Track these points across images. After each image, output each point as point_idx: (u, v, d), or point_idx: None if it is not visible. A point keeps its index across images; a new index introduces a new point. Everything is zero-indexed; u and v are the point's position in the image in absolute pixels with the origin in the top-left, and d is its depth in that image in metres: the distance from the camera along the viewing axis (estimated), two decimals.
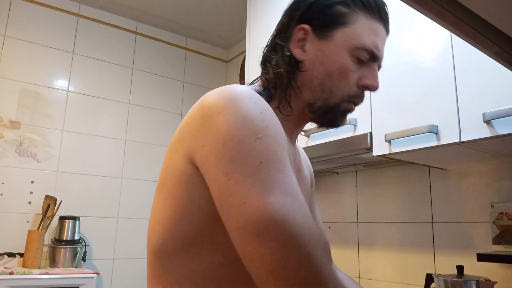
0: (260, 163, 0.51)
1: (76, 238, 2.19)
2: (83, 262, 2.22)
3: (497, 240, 1.26)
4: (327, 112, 0.68)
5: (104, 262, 2.38)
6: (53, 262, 2.10)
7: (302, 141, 1.58)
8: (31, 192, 2.21)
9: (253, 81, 0.73)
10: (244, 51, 2.36)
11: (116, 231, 2.44)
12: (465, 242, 1.36)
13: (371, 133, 1.30)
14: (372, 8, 0.67)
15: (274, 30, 0.72)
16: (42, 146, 2.28)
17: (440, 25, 0.46)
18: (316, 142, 1.51)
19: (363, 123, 1.34)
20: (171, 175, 0.59)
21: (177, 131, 0.61)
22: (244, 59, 2.63)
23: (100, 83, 2.53)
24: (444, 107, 1.10)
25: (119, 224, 2.46)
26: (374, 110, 1.31)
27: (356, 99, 0.69)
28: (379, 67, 0.72)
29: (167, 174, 0.60)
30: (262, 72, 0.71)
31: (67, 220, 2.19)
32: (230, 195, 0.50)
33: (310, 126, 0.78)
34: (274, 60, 0.69)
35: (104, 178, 2.45)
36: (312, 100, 0.68)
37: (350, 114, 0.72)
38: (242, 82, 2.50)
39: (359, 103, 0.70)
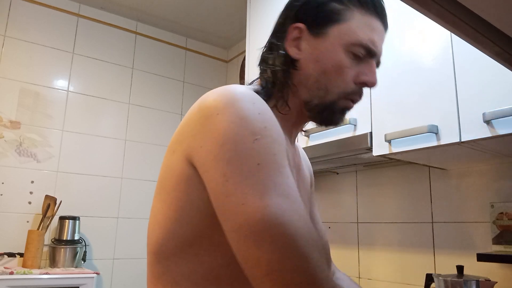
0: (258, 164, 0.50)
1: (76, 238, 2.19)
2: (83, 262, 2.22)
3: (497, 240, 1.26)
4: (324, 110, 0.68)
5: (104, 262, 2.38)
6: (53, 262, 2.10)
7: (302, 141, 1.58)
8: (31, 192, 2.21)
9: (252, 81, 0.73)
10: (244, 51, 2.36)
11: (116, 231, 2.44)
12: (465, 242, 1.36)
13: (371, 133, 1.30)
14: (367, 3, 0.67)
15: (271, 31, 0.73)
16: (42, 146, 2.28)
17: (440, 25, 0.46)
18: (316, 142, 1.51)
19: (363, 123, 1.34)
20: (170, 176, 0.59)
21: (176, 131, 0.61)
22: (244, 59, 2.63)
23: (100, 83, 2.53)
24: (444, 107, 1.10)
25: (119, 224, 2.46)
26: (374, 110, 1.31)
27: (354, 96, 0.68)
28: (378, 64, 0.71)
29: (166, 174, 0.60)
30: (260, 72, 0.71)
31: (67, 220, 2.19)
32: (227, 196, 0.50)
33: (312, 126, 0.77)
34: (271, 59, 0.69)
35: (104, 178, 2.45)
36: (309, 98, 0.68)
37: (349, 113, 0.71)
38: (242, 82, 2.51)
39: (358, 100, 0.69)
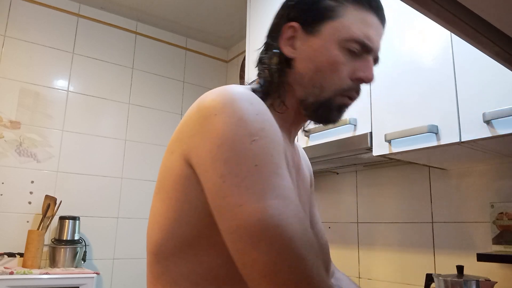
0: (256, 166, 0.50)
1: (76, 238, 2.19)
2: (83, 262, 2.22)
3: (497, 240, 1.26)
4: (319, 108, 0.67)
5: (104, 262, 2.38)
6: (53, 262, 2.10)
7: (302, 141, 1.58)
8: (31, 192, 2.21)
9: (252, 82, 0.74)
10: (244, 51, 2.36)
11: (116, 231, 2.44)
12: (465, 242, 1.36)
13: (371, 133, 1.30)
14: None
15: (266, 31, 0.73)
16: (42, 146, 2.28)
17: (440, 25, 0.46)
18: (316, 142, 1.51)
19: (363, 123, 1.34)
20: (169, 176, 0.59)
21: (175, 131, 0.62)
22: (244, 59, 2.63)
23: (100, 83, 2.53)
24: (444, 107, 1.10)
25: (119, 224, 2.46)
26: (374, 110, 1.31)
27: (350, 92, 0.67)
28: (376, 59, 0.70)
29: (165, 174, 0.61)
30: (257, 72, 0.72)
31: (67, 220, 2.19)
32: (224, 198, 0.50)
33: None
34: (266, 59, 0.70)
35: (104, 178, 2.45)
36: (304, 96, 0.67)
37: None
38: (242, 82, 2.51)
39: (355, 97, 0.68)
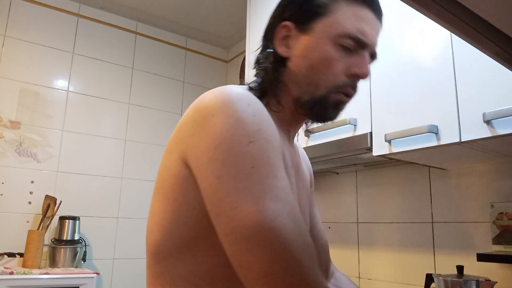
0: (252, 167, 0.50)
1: (76, 238, 2.19)
2: (83, 262, 2.22)
3: (497, 240, 1.26)
4: (315, 105, 0.67)
5: (104, 262, 2.38)
6: (53, 262, 2.10)
7: (302, 141, 1.58)
8: (31, 192, 2.21)
9: (251, 82, 0.74)
10: (244, 51, 2.36)
11: (116, 231, 2.44)
12: (465, 242, 1.36)
13: (371, 133, 1.30)
14: None
15: (262, 32, 0.73)
16: (42, 146, 2.28)
17: (440, 25, 0.46)
18: (316, 142, 1.51)
19: (363, 123, 1.34)
20: (167, 176, 0.60)
21: (174, 132, 0.62)
22: (244, 59, 2.63)
23: (100, 83, 2.53)
24: (444, 107, 1.10)
25: (119, 224, 2.46)
26: (374, 110, 1.31)
27: (346, 89, 0.66)
28: (373, 55, 0.69)
29: (163, 175, 0.61)
30: (255, 73, 0.72)
31: (67, 220, 2.19)
32: (221, 199, 0.50)
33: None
34: (262, 60, 0.70)
35: (104, 178, 2.45)
36: (299, 95, 0.67)
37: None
38: (242, 82, 2.50)
39: (351, 93, 0.67)
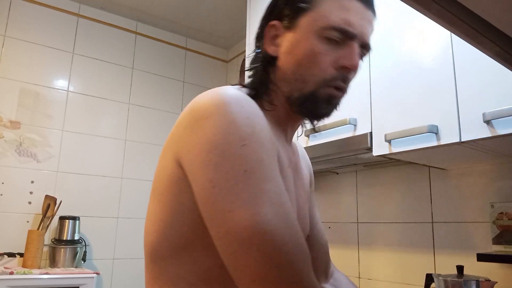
0: (245, 171, 0.50)
1: (76, 238, 2.19)
2: (83, 262, 2.22)
3: (497, 240, 1.26)
4: (305, 102, 0.65)
5: (104, 262, 2.38)
6: (53, 262, 2.10)
7: (302, 141, 1.58)
8: (31, 192, 2.21)
9: (246, 83, 0.74)
10: (244, 51, 2.36)
11: (116, 231, 2.44)
12: (465, 242, 1.36)
13: (371, 133, 1.30)
14: None
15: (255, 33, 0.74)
16: (42, 146, 2.28)
17: (440, 25, 0.46)
18: (316, 142, 1.51)
19: (363, 123, 1.34)
20: (162, 178, 0.60)
21: (169, 134, 0.62)
22: (244, 59, 2.63)
23: (100, 83, 2.53)
24: (444, 107, 1.10)
25: (119, 224, 2.46)
26: (374, 110, 1.31)
27: (335, 82, 0.64)
28: (366, 46, 0.67)
29: (159, 176, 0.61)
30: (248, 74, 0.72)
31: (67, 220, 2.19)
32: (214, 203, 0.50)
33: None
34: (254, 60, 0.71)
35: (104, 178, 2.45)
36: (289, 92, 0.67)
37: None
38: (242, 82, 2.50)
39: (342, 86, 0.65)
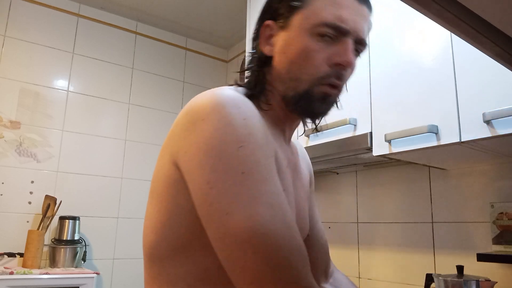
0: (243, 173, 0.50)
1: (76, 238, 2.19)
2: (83, 262, 2.22)
3: (497, 240, 1.26)
4: (300, 101, 0.65)
5: (104, 262, 2.38)
6: (53, 262, 2.10)
7: (302, 141, 1.58)
8: (31, 192, 2.21)
9: (243, 83, 0.74)
10: (244, 51, 2.36)
11: (116, 231, 2.44)
12: (465, 242, 1.36)
13: (371, 133, 1.30)
14: None
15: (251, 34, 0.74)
16: (42, 146, 2.28)
17: (440, 25, 0.46)
18: (316, 142, 1.51)
19: (363, 123, 1.34)
20: (159, 179, 0.60)
21: (167, 134, 0.62)
22: (244, 59, 2.63)
23: (100, 83, 2.53)
24: (444, 107, 1.10)
25: (119, 224, 2.46)
26: (374, 110, 1.31)
27: (329, 79, 0.64)
28: (361, 42, 0.65)
29: (157, 178, 0.61)
30: (245, 75, 0.73)
31: (67, 220, 2.19)
32: (211, 205, 0.50)
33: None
34: (250, 61, 0.71)
35: (104, 178, 2.45)
36: (284, 92, 0.67)
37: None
38: (241, 79, 2.50)
39: (337, 83, 0.64)
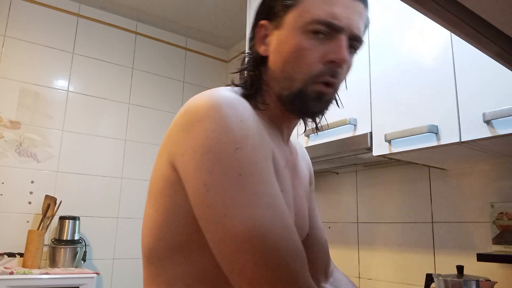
0: (240, 175, 0.50)
1: (76, 238, 2.19)
2: (83, 262, 2.22)
3: (497, 240, 1.26)
4: (294, 100, 0.64)
5: (104, 262, 2.38)
6: (53, 262, 2.10)
7: (302, 141, 1.58)
8: (31, 192, 2.21)
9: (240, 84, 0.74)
10: (244, 51, 2.36)
11: (116, 231, 2.44)
12: (465, 242, 1.36)
13: (371, 133, 1.30)
14: None
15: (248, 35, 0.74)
16: (42, 146, 2.28)
17: (440, 25, 0.46)
18: (316, 142, 1.51)
19: (363, 123, 1.34)
20: (157, 180, 0.60)
21: (165, 135, 0.62)
22: (244, 59, 2.63)
23: (100, 83, 2.53)
24: (444, 107, 1.10)
25: (119, 224, 2.46)
26: (374, 110, 1.31)
27: (324, 78, 0.63)
28: (356, 39, 0.65)
29: (154, 178, 0.61)
30: (243, 75, 0.73)
31: (67, 220, 2.19)
32: (208, 207, 0.50)
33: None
34: (246, 61, 0.72)
35: (104, 178, 2.45)
36: (279, 91, 0.66)
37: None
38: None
39: (331, 81, 0.64)
